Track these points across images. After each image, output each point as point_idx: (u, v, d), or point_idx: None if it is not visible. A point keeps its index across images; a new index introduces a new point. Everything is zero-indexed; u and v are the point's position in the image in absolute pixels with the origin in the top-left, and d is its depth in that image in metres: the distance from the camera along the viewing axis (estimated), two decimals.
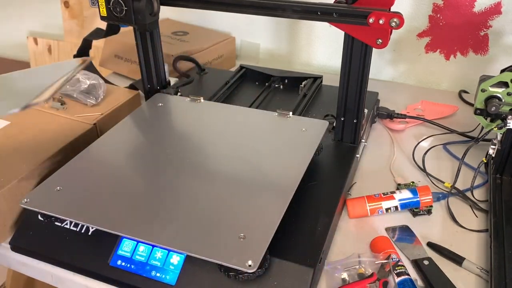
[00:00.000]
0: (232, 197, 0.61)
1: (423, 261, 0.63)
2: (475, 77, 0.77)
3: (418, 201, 0.71)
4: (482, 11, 1.01)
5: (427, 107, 1.02)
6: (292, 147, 0.70)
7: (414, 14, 1.07)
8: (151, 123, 0.79)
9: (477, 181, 0.76)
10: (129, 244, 0.61)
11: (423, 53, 1.12)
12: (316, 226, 0.62)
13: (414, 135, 0.93)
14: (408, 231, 0.70)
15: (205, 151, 0.71)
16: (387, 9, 0.65)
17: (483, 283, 0.61)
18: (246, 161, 0.67)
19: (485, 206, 0.74)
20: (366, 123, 0.83)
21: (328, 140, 0.80)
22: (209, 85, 1.00)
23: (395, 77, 1.18)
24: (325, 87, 1.00)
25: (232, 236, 0.54)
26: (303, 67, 1.26)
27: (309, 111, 0.91)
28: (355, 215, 0.72)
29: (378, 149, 0.89)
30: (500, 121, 0.71)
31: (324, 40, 1.20)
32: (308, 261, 0.57)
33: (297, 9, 0.70)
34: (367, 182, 0.80)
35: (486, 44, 1.05)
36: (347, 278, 0.60)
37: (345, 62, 0.72)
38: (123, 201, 0.61)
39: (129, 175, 0.67)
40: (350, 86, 0.74)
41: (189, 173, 0.66)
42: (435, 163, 0.84)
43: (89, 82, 0.92)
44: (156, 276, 0.58)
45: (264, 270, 0.55)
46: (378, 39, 0.66)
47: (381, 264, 0.62)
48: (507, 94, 0.70)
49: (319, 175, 0.72)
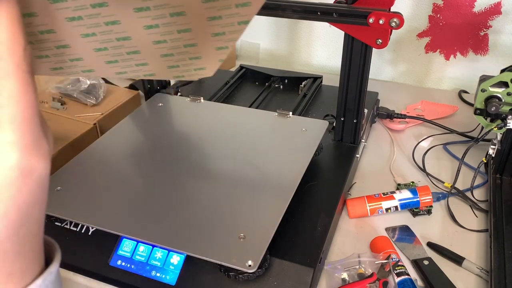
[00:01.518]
0: (232, 197, 0.61)
1: (423, 261, 0.63)
2: (475, 77, 0.77)
3: (418, 201, 0.71)
4: (482, 11, 1.01)
5: (427, 107, 1.02)
6: (292, 147, 0.70)
7: (414, 14, 1.07)
8: (151, 123, 0.79)
9: (477, 181, 0.76)
10: (129, 244, 0.61)
11: (423, 53, 1.12)
12: (316, 226, 0.62)
13: (414, 135, 0.93)
14: (408, 231, 0.70)
15: (205, 151, 0.71)
16: (387, 9, 0.65)
17: (483, 283, 0.61)
18: (246, 161, 0.67)
19: (485, 206, 0.74)
20: (366, 123, 0.83)
21: (328, 140, 0.80)
22: (209, 85, 1.00)
23: (395, 77, 1.18)
24: (325, 87, 1.00)
25: (232, 236, 0.54)
26: (303, 67, 1.26)
27: (309, 111, 0.91)
28: (355, 215, 0.72)
29: (378, 149, 0.89)
30: (500, 121, 0.71)
31: (324, 40, 1.20)
32: (308, 261, 0.57)
33: (297, 9, 0.70)
34: (367, 182, 0.80)
35: (486, 44, 1.05)
36: (347, 278, 0.60)
37: (345, 62, 0.72)
38: (123, 201, 0.61)
39: (129, 175, 0.67)
40: (350, 86, 0.74)
41: (189, 173, 0.66)
42: (435, 163, 0.84)
43: (89, 82, 0.92)
44: (156, 276, 0.58)
45: (264, 270, 0.56)
46: (378, 39, 0.66)
47: (381, 264, 0.62)
48: (507, 94, 0.70)
49: (319, 175, 0.72)
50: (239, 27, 0.30)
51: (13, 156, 0.22)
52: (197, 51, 0.32)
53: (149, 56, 0.32)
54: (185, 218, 0.57)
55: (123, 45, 0.32)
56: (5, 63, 0.21)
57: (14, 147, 0.22)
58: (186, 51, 0.32)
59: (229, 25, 0.30)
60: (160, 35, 0.31)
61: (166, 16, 0.30)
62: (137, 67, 0.33)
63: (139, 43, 0.32)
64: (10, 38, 0.21)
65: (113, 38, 0.31)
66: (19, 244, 0.24)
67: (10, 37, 0.21)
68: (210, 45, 0.31)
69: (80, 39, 0.31)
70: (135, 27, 0.31)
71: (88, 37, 0.31)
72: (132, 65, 0.33)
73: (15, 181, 0.22)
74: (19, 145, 0.22)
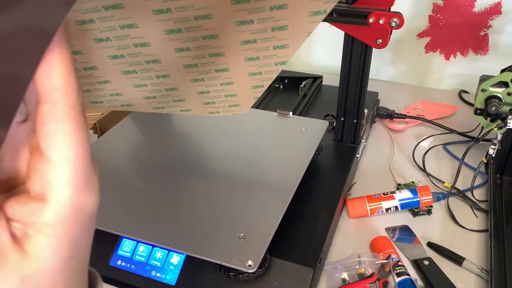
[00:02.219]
0: (232, 197, 0.61)
1: (423, 261, 0.63)
2: (475, 77, 0.77)
3: (418, 201, 0.71)
4: (482, 11, 1.01)
5: (427, 107, 1.02)
6: (292, 147, 0.70)
7: (414, 14, 1.07)
8: (151, 123, 0.79)
9: (477, 181, 0.75)
10: (129, 244, 0.60)
11: (423, 53, 1.12)
12: (316, 226, 0.62)
13: (414, 135, 0.93)
14: (408, 231, 0.70)
15: (205, 151, 0.71)
16: (387, 9, 0.65)
17: (483, 283, 0.61)
18: (246, 161, 0.67)
19: (485, 206, 0.74)
20: (366, 123, 0.83)
21: (328, 140, 0.80)
22: None
23: (395, 77, 1.18)
24: (325, 87, 1.00)
25: (232, 236, 0.54)
26: (303, 67, 1.26)
27: (309, 111, 0.90)
28: (355, 215, 0.72)
29: (378, 149, 0.89)
30: (500, 121, 0.71)
31: (324, 40, 1.20)
32: (308, 261, 0.57)
33: None
34: (367, 182, 0.80)
35: (486, 44, 1.05)
36: (347, 278, 0.60)
37: (345, 62, 0.72)
38: (123, 201, 0.61)
39: (129, 175, 0.67)
40: (350, 86, 0.74)
41: (189, 173, 0.66)
42: (435, 163, 0.84)
43: None
44: (156, 276, 0.58)
45: (264, 270, 0.55)
46: (378, 39, 0.66)
47: (381, 264, 0.62)
48: (507, 94, 0.70)
49: (319, 175, 0.72)
50: (276, 67, 0.31)
51: (67, 194, 0.23)
52: (233, 89, 0.33)
53: (186, 92, 0.33)
54: (185, 218, 0.57)
55: (162, 82, 0.33)
56: (60, 107, 0.22)
57: (68, 185, 0.23)
58: (223, 88, 0.33)
59: (266, 66, 0.31)
60: (199, 74, 0.32)
61: (206, 56, 0.31)
62: (174, 103, 0.35)
63: (177, 81, 0.33)
64: (65, 83, 0.22)
65: (153, 76, 0.32)
66: (69, 276, 0.25)
67: (64, 82, 0.22)
68: (246, 84, 0.32)
69: (121, 75, 0.32)
70: (173, 65, 0.32)
71: (129, 74, 0.32)
72: (169, 101, 0.34)
73: (68, 217, 0.23)
74: (72, 183, 0.23)
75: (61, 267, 0.24)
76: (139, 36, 0.30)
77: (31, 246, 0.23)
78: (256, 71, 0.31)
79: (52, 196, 0.23)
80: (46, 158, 0.22)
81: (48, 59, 0.21)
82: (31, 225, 0.23)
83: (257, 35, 0.29)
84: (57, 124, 0.22)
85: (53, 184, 0.23)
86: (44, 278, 0.24)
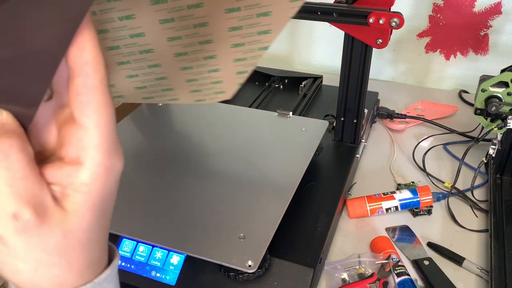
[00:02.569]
0: (232, 197, 0.61)
1: (423, 261, 0.63)
2: (475, 77, 0.77)
3: (418, 201, 0.71)
4: (482, 11, 1.01)
5: (427, 107, 1.02)
6: (292, 147, 0.70)
7: (414, 14, 1.07)
8: (151, 123, 0.79)
9: (477, 181, 0.75)
10: (129, 244, 0.60)
11: (423, 53, 1.12)
12: (316, 226, 0.62)
13: (414, 135, 0.93)
14: (408, 231, 0.70)
15: (205, 151, 0.71)
16: (387, 9, 0.65)
17: (483, 283, 0.61)
18: (246, 161, 0.67)
19: (485, 206, 0.74)
20: (366, 123, 0.83)
21: (328, 140, 0.80)
22: None
23: (395, 77, 1.18)
24: (325, 87, 1.00)
25: (232, 236, 0.54)
26: (303, 67, 1.26)
27: (309, 111, 0.90)
28: (355, 215, 0.72)
29: (378, 149, 0.89)
30: (500, 121, 0.71)
31: (324, 40, 1.20)
32: (308, 261, 0.57)
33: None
34: (367, 182, 0.80)
35: (486, 44, 1.05)
36: (347, 278, 0.60)
37: (345, 62, 0.72)
38: (123, 201, 0.60)
39: (129, 175, 0.67)
40: (350, 86, 0.74)
41: (188, 173, 0.66)
42: (435, 163, 0.84)
43: None
44: (156, 276, 0.58)
45: (264, 270, 0.55)
46: (378, 39, 0.66)
47: (381, 264, 0.62)
48: (507, 94, 0.70)
49: (319, 175, 0.72)
50: (260, 52, 0.32)
51: (99, 156, 0.26)
52: (219, 75, 0.34)
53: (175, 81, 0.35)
54: (185, 218, 0.57)
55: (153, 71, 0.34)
56: (92, 79, 0.25)
57: (100, 148, 0.26)
58: (209, 76, 0.34)
59: (251, 51, 0.32)
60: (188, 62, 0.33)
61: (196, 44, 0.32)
62: (163, 92, 0.36)
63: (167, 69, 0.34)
64: (95, 58, 0.25)
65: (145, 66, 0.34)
66: (100, 233, 0.29)
67: (95, 57, 0.25)
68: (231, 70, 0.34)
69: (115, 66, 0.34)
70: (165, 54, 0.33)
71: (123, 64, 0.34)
72: (159, 91, 0.36)
73: (100, 177, 0.26)
74: (103, 147, 0.26)
75: (95, 224, 0.27)
76: (135, 27, 0.31)
77: (70, 203, 0.26)
78: (241, 57, 0.33)
79: (87, 158, 0.26)
80: (81, 126, 0.25)
81: (81, 37, 0.24)
82: (69, 185, 0.26)
83: (243, 22, 0.31)
84: (89, 94, 0.25)
85: (87, 148, 0.26)
86: (81, 234, 0.27)
